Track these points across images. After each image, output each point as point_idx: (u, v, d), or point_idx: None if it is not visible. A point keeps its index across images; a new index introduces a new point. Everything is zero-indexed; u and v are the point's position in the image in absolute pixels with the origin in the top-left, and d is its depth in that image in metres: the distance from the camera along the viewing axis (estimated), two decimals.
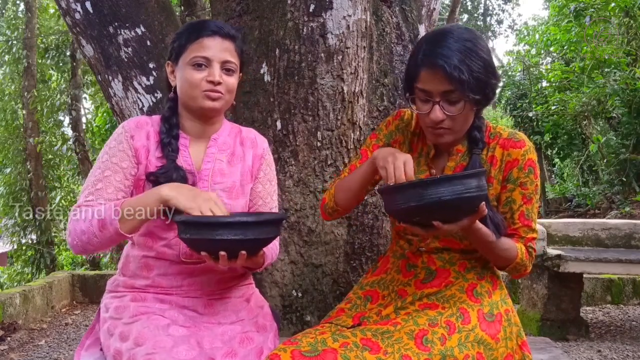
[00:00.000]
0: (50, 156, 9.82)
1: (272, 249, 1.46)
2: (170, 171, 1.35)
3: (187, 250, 1.37)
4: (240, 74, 1.45)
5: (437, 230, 1.21)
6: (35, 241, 9.24)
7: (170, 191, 1.27)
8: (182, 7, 6.32)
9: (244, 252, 1.20)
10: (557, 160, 11.60)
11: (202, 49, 1.35)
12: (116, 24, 2.06)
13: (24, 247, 9.36)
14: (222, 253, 1.19)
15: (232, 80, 1.40)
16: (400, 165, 1.24)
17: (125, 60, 2.08)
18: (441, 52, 1.26)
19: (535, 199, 1.39)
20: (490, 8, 21.47)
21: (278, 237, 1.51)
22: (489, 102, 1.35)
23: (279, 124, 1.98)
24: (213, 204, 1.25)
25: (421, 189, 1.15)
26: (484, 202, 1.20)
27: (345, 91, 1.97)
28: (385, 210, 1.32)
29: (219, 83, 1.36)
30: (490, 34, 21.16)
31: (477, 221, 1.25)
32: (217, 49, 1.36)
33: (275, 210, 1.55)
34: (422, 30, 2.52)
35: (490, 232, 1.30)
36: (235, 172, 1.47)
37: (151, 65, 2.09)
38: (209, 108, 1.38)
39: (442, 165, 1.44)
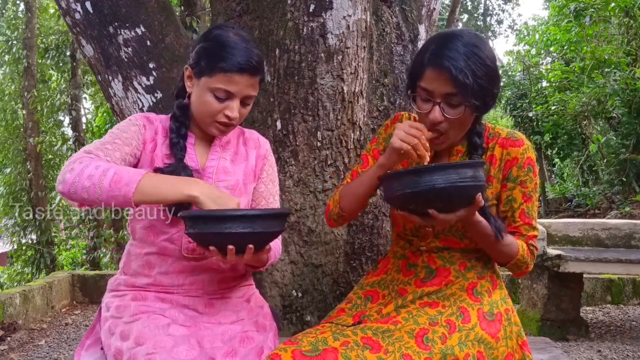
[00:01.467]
0: (50, 156, 9.83)
1: (276, 249, 1.47)
2: (177, 170, 1.37)
3: (189, 245, 1.38)
4: None
5: (434, 220, 1.21)
6: (35, 241, 9.24)
7: (202, 193, 1.24)
8: (182, 7, 6.32)
9: (251, 245, 1.21)
10: (557, 160, 11.62)
11: (228, 84, 1.34)
12: (116, 24, 2.06)
13: (24, 247, 9.36)
14: (231, 247, 1.20)
15: (247, 110, 1.42)
16: (413, 131, 1.27)
17: (125, 60, 2.08)
18: (449, 53, 1.26)
19: (535, 197, 1.40)
20: (490, 8, 21.50)
21: (281, 239, 1.52)
22: (487, 110, 1.35)
23: (279, 124, 1.99)
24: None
25: (416, 176, 1.17)
26: (480, 194, 1.20)
27: (345, 91, 1.97)
28: (384, 198, 1.34)
29: (235, 118, 1.37)
30: (490, 34, 21.17)
31: (477, 214, 1.25)
32: (244, 84, 1.35)
33: None
34: (422, 30, 2.51)
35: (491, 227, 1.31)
36: (238, 170, 1.49)
37: (151, 65, 2.08)
38: (217, 135, 1.43)
39: None
